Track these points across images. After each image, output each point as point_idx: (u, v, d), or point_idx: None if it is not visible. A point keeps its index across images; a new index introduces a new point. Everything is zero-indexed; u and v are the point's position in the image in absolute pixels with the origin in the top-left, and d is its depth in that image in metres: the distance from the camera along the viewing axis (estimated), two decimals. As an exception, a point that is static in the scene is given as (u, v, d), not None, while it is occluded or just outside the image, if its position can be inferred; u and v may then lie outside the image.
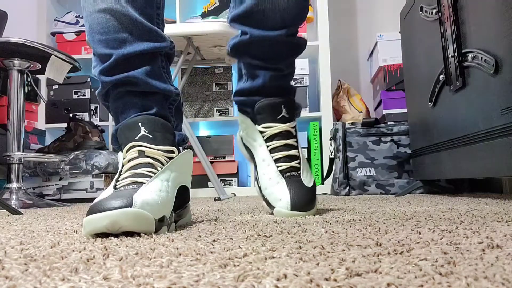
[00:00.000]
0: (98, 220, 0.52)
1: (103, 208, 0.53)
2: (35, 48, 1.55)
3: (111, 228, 0.53)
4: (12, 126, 1.62)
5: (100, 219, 0.52)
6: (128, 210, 0.53)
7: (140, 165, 0.63)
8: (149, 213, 0.55)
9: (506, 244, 0.41)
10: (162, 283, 0.28)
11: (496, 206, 0.92)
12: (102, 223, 0.52)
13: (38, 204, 1.52)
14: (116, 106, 0.73)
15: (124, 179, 0.61)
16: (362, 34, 2.50)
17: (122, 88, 0.71)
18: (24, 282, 0.29)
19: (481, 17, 1.05)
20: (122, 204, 0.53)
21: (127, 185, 0.60)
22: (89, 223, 0.53)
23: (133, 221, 0.53)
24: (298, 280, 0.28)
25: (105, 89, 0.73)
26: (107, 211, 0.52)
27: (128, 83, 0.71)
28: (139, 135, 0.65)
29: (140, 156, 0.64)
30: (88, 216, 0.53)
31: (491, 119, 1.02)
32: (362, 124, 1.85)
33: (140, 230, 0.54)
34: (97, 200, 0.55)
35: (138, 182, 0.60)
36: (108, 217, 0.52)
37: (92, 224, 0.53)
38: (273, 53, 0.86)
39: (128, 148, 0.65)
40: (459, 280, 0.27)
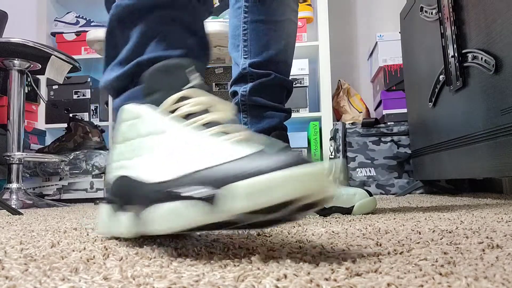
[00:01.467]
0: (305, 177, 0.33)
1: (272, 167, 0.33)
2: (35, 48, 1.55)
3: (301, 196, 0.33)
4: (12, 126, 1.62)
5: (307, 175, 0.33)
6: (318, 168, 0.34)
7: (213, 123, 0.43)
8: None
9: (506, 244, 0.41)
10: (162, 283, 0.28)
11: (496, 206, 0.92)
12: (312, 183, 0.33)
13: (38, 204, 1.52)
14: (154, 30, 0.52)
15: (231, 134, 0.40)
16: (362, 34, 2.50)
17: (170, 11, 0.53)
18: (24, 282, 0.29)
19: (481, 17, 1.05)
20: (301, 160, 0.34)
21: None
22: (262, 190, 0.32)
23: (325, 184, 0.34)
24: (298, 280, 0.28)
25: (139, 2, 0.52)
26: (283, 169, 0.33)
27: (181, 7, 0.54)
28: (188, 85, 0.46)
29: (205, 111, 0.44)
30: (252, 179, 0.32)
31: (491, 119, 1.02)
32: (362, 124, 1.85)
33: (324, 197, 0.35)
34: (232, 162, 0.35)
35: (253, 139, 0.40)
36: (316, 175, 0.33)
37: (301, 182, 0.33)
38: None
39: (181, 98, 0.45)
40: (459, 280, 0.27)
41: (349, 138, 1.85)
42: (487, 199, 1.21)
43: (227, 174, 0.33)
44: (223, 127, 0.41)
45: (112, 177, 0.47)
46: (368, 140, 1.84)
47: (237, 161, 0.34)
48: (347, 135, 1.85)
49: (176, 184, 0.36)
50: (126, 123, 0.46)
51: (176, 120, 0.43)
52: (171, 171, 0.38)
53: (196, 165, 0.36)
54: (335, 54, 2.42)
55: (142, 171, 0.41)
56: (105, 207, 0.48)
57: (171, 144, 0.41)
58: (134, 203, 0.41)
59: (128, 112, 0.46)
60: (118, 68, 0.52)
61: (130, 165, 0.44)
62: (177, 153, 0.39)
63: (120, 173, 0.45)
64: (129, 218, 0.41)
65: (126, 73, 0.51)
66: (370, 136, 1.84)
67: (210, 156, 0.37)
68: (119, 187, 0.45)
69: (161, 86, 0.46)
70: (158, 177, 0.39)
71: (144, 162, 0.42)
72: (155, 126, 0.43)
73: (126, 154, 0.45)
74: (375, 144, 1.83)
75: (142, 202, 0.39)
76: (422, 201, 1.20)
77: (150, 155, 0.42)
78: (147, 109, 0.44)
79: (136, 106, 0.45)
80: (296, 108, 2.19)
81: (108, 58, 0.54)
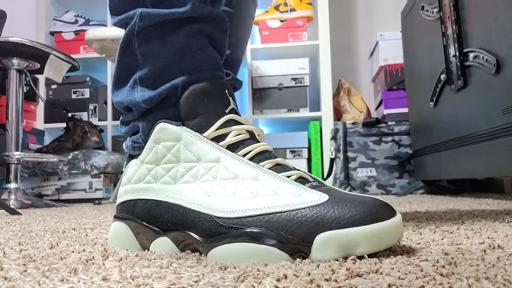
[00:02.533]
0: (391, 231, 0.36)
1: (374, 216, 0.35)
2: (33, 48, 1.55)
3: (389, 244, 0.36)
4: (11, 126, 1.61)
5: (393, 229, 0.36)
6: (398, 220, 0.37)
7: (265, 153, 0.44)
8: None
9: (508, 244, 0.41)
10: (162, 283, 0.28)
11: (498, 206, 0.92)
12: (395, 235, 0.36)
13: (37, 205, 1.52)
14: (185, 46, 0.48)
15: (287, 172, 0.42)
16: (363, 33, 2.50)
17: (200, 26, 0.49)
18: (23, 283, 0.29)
19: (482, 16, 1.05)
20: (393, 210, 0.37)
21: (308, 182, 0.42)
22: (380, 234, 0.35)
23: (400, 235, 0.37)
24: (299, 281, 0.28)
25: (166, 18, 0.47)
26: (390, 220, 0.36)
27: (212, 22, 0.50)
28: (229, 107, 0.46)
29: (253, 139, 0.45)
30: (374, 224, 0.35)
31: (493, 119, 1.02)
32: (363, 124, 1.85)
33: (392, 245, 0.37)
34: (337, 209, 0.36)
35: (305, 178, 0.42)
36: (400, 226, 0.37)
37: (386, 237, 0.35)
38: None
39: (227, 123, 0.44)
40: (460, 281, 0.26)
41: (350, 138, 1.85)
42: (488, 199, 1.21)
43: (314, 224, 0.35)
44: (276, 160, 0.42)
45: (134, 197, 0.46)
46: (369, 140, 1.83)
47: (315, 208, 0.36)
48: (347, 134, 1.85)
49: (254, 224, 0.37)
50: (164, 143, 0.44)
51: (226, 150, 0.42)
52: (243, 208, 0.38)
53: (269, 205, 0.37)
54: (336, 53, 2.42)
55: (199, 200, 0.40)
56: (120, 225, 0.47)
57: (232, 177, 0.40)
58: (187, 230, 0.41)
59: (168, 132, 0.44)
60: (142, 87, 0.49)
61: (170, 190, 0.43)
62: (242, 189, 0.39)
63: (148, 196, 0.45)
64: (173, 244, 0.42)
65: (158, 96, 0.47)
66: (371, 136, 1.84)
67: (282, 197, 0.38)
68: (149, 211, 0.44)
69: (202, 111, 0.44)
70: (226, 211, 0.38)
71: (197, 192, 0.41)
72: (207, 155, 0.42)
73: (161, 177, 0.44)
74: (376, 144, 1.83)
75: (206, 234, 0.39)
76: (423, 201, 1.20)
77: (207, 185, 0.41)
78: (191, 134, 0.43)
79: (176, 127, 0.43)
80: (297, 108, 2.19)
81: (123, 70, 0.51)
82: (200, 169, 0.42)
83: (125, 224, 0.46)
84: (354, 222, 0.35)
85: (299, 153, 2.15)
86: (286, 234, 0.35)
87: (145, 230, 0.44)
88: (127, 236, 0.46)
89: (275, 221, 0.36)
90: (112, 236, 0.48)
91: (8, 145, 1.60)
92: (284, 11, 2.27)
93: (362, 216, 0.35)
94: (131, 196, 0.46)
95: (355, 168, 1.82)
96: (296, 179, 0.41)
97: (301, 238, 0.35)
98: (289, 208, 0.36)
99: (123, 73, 0.50)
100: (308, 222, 0.35)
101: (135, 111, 0.49)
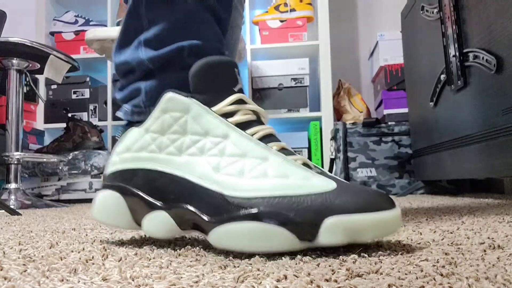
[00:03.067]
0: (393, 220, 0.37)
1: (379, 206, 0.36)
2: (33, 48, 1.55)
3: (390, 233, 0.37)
4: (11, 126, 1.61)
5: (395, 219, 0.37)
6: (398, 212, 0.38)
7: (271, 136, 0.43)
8: None
9: (508, 244, 0.41)
10: (162, 283, 0.28)
11: (498, 206, 0.92)
12: (396, 225, 0.37)
13: (37, 205, 1.52)
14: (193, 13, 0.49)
15: (293, 156, 0.42)
16: (363, 33, 2.50)
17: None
18: (22, 283, 0.29)
19: (482, 16, 1.05)
20: (394, 202, 0.38)
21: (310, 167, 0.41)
22: (385, 223, 0.36)
23: (399, 225, 0.38)
24: (299, 281, 0.28)
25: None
26: (392, 210, 0.37)
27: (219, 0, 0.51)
28: (238, 86, 0.45)
29: (259, 120, 0.44)
30: (379, 212, 0.36)
31: (493, 119, 1.02)
32: (363, 124, 1.85)
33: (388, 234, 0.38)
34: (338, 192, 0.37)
35: (308, 165, 0.41)
36: (399, 217, 0.38)
37: (389, 226, 0.37)
38: None
39: (236, 101, 0.43)
40: (460, 281, 0.26)
41: (350, 138, 1.85)
42: (488, 199, 1.21)
43: (324, 208, 0.35)
44: (281, 144, 0.42)
45: (133, 166, 0.43)
46: (369, 140, 1.83)
47: (324, 194, 0.36)
48: (347, 135, 1.85)
49: (265, 205, 0.36)
50: (172, 114, 0.42)
51: (235, 128, 0.41)
52: (254, 188, 0.37)
53: (280, 187, 0.37)
54: (336, 53, 2.42)
55: (207, 175, 0.39)
56: (113, 194, 0.44)
57: (240, 155, 0.40)
58: (192, 206, 0.39)
59: (176, 102, 0.42)
60: (147, 48, 0.48)
61: (175, 162, 0.41)
62: (251, 168, 0.39)
63: (151, 166, 0.42)
64: (172, 220, 0.40)
65: (163, 56, 0.47)
66: (371, 136, 1.84)
67: (292, 180, 0.37)
68: (152, 182, 0.42)
69: (213, 85, 0.43)
70: (237, 191, 0.38)
71: (204, 167, 0.40)
72: (215, 129, 0.41)
73: (166, 147, 0.42)
74: (376, 144, 1.83)
75: (213, 212, 0.38)
76: (423, 201, 1.20)
77: (214, 160, 0.40)
78: (200, 107, 0.42)
79: (186, 99, 0.42)
80: (297, 108, 2.19)
81: (128, 31, 0.50)
82: (207, 143, 0.41)
83: (118, 194, 0.43)
84: (362, 209, 0.35)
85: (299, 153, 2.15)
86: (296, 217, 0.35)
87: (141, 202, 0.42)
88: (118, 207, 0.43)
89: (286, 203, 0.36)
90: (100, 207, 0.44)
91: (8, 145, 1.60)
92: (284, 11, 2.27)
93: (368, 204, 0.36)
94: (131, 164, 0.44)
95: (355, 168, 1.82)
96: (302, 164, 0.40)
97: (309, 221, 0.35)
98: (300, 192, 0.36)
99: (128, 35, 0.50)
100: (318, 206, 0.36)
101: (138, 72, 0.48)
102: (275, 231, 0.35)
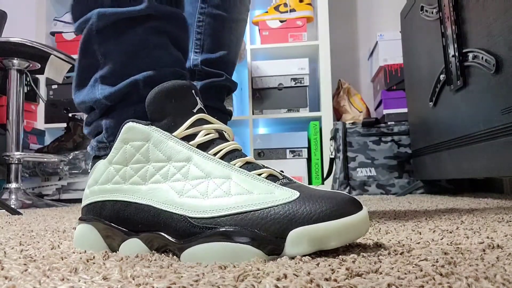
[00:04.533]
0: (359, 224, 0.37)
1: (343, 211, 0.36)
2: (34, 48, 1.55)
3: (357, 237, 0.38)
4: (11, 126, 1.62)
5: (360, 222, 0.37)
6: (364, 214, 0.38)
7: (235, 152, 0.44)
8: None
9: (507, 244, 0.41)
10: (162, 283, 0.28)
11: (497, 206, 0.92)
12: (363, 228, 0.38)
13: (38, 204, 1.52)
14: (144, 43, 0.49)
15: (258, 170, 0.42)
16: (362, 33, 2.50)
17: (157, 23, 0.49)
18: (23, 282, 0.29)
19: (482, 16, 1.05)
20: (360, 204, 0.38)
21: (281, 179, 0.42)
22: (350, 228, 0.36)
23: (367, 227, 0.39)
24: (298, 280, 0.28)
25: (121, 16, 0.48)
26: (358, 214, 0.37)
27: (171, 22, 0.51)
28: (197, 107, 0.45)
29: (223, 138, 0.45)
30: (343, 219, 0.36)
31: (492, 119, 1.02)
32: (362, 124, 1.85)
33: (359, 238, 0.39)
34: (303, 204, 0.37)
35: (275, 176, 0.42)
36: (367, 219, 0.38)
37: (355, 230, 0.37)
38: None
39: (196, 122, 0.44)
40: (460, 281, 0.27)
41: (350, 138, 1.85)
42: (487, 199, 1.21)
43: (287, 220, 0.36)
44: (246, 159, 0.43)
45: (101, 198, 0.45)
46: (369, 140, 1.84)
47: (287, 205, 0.37)
48: (347, 134, 1.85)
49: (229, 223, 0.37)
50: (132, 143, 0.43)
51: (197, 149, 0.42)
52: (217, 207, 0.38)
53: (243, 204, 0.38)
54: (336, 53, 2.42)
55: (171, 200, 0.40)
56: (87, 227, 0.45)
57: (203, 176, 0.40)
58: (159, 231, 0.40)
59: (136, 131, 0.43)
60: (103, 85, 0.48)
61: (140, 190, 0.42)
62: (214, 188, 0.39)
63: (116, 197, 0.43)
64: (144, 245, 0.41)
65: (119, 92, 0.47)
66: (370, 136, 1.84)
67: (255, 196, 0.38)
68: (119, 212, 0.43)
69: (170, 111, 0.43)
70: (200, 212, 0.38)
71: (169, 192, 0.40)
72: (177, 154, 0.41)
73: (130, 177, 0.43)
74: (375, 144, 1.83)
75: (180, 235, 0.39)
76: (422, 201, 1.20)
77: (178, 184, 0.40)
78: (160, 133, 0.42)
79: (145, 127, 0.42)
80: (296, 108, 2.19)
81: (83, 71, 0.50)
82: (170, 168, 0.41)
83: (92, 226, 0.45)
84: (325, 217, 0.36)
85: (298, 153, 2.15)
86: (260, 232, 0.36)
87: (114, 232, 0.43)
88: (94, 239, 0.44)
89: (249, 219, 0.37)
90: (78, 239, 0.46)
91: (8, 145, 1.60)
92: (284, 11, 2.27)
93: (332, 211, 0.36)
94: (99, 197, 0.45)
95: (355, 168, 1.83)
96: (266, 176, 0.41)
97: (274, 235, 0.36)
98: (262, 206, 0.37)
99: (84, 74, 0.50)
100: (281, 219, 0.36)
101: (97, 110, 0.49)
102: (242, 248, 0.36)
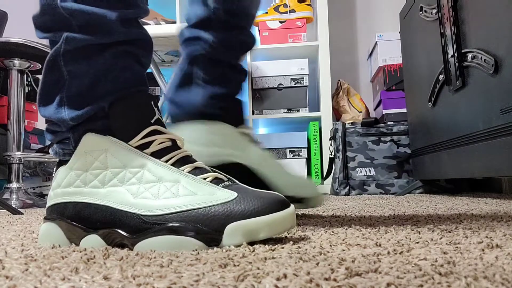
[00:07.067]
0: (285, 220, 0.44)
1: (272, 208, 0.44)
2: (35, 48, 1.55)
3: (283, 230, 0.45)
4: (12, 126, 1.62)
5: (286, 218, 0.44)
6: (291, 211, 0.45)
7: (185, 158, 0.50)
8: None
9: (506, 243, 0.41)
10: (162, 282, 0.28)
11: (496, 205, 0.92)
12: (288, 223, 0.45)
13: (39, 204, 1.52)
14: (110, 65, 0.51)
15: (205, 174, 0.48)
16: (361, 34, 2.50)
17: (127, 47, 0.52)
18: (24, 282, 0.29)
19: (481, 17, 1.05)
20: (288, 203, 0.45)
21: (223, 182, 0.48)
22: (276, 222, 0.43)
23: (293, 222, 0.46)
24: (298, 280, 0.28)
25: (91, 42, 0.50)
26: (284, 211, 0.44)
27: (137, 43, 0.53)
28: (154, 118, 0.50)
29: (175, 146, 0.51)
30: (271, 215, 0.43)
31: (491, 119, 1.02)
32: (361, 124, 1.85)
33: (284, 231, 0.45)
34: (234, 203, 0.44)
35: (220, 178, 0.49)
36: (292, 216, 0.45)
37: (280, 224, 0.44)
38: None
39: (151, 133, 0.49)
40: (459, 280, 0.27)
41: (349, 138, 1.85)
42: (486, 198, 1.21)
43: (224, 216, 0.43)
44: (194, 164, 0.49)
45: (63, 200, 0.50)
46: (368, 140, 1.84)
47: (226, 204, 0.44)
48: (346, 134, 1.85)
49: (176, 219, 0.43)
50: (92, 153, 0.48)
51: (150, 157, 0.48)
52: (166, 206, 0.44)
53: (188, 203, 0.44)
54: (335, 54, 2.42)
55: (126, 201, 0.46)
56: (51, 225, 0.50)
57: (156, 180, 0.46)
58: (115, 228, 0.46)
59: (96, 143, 0.48)
60: (70, 109, 0.50)
61: (99, 193, 0.48)
62: (165, 190, 0.46)
63: (77, 199, 0.49)
64: (102, 241, 0.47)
65: (86, 114, 0.50)
66: (369, 136, 1.84)
67: (199, 196, 0.45)
68: (79, 212, 0.48)
69: (129, 122, 0.49)
70: (152, 210, 0.44)
71: (125, 194, 0.47)
72: (132, 161, 0.47)
73: (90, 182, 0.48)
74: (374, 143, 1.83)
75: (134, 230, 0.45)
76: (421, 200, 1.20)
77: (133, 187, 0.46)
78: (117, 143, 0.48)
79: (103, 137, 0.48)
80: (296, 108, 2.19)
81: (49, 86, 0.51)
82: (126, 173, 0.47)
83: (56, 225, 0.50)
84: (256, 213, 0.43)
85: (298, 153, 2.15)
86: (202, 226, 0.43)
87: (75, 229, 0.48)
88: (57, 235, 0.49)
89: (193, 216, 0.43)
90: (43, 236, 0.51)
91: (9, 145, 1.61)
92: (284, 12, 2.27)
93: (262, 209, 0.43)
94: (61, 199, 0.50)
95: (354, 168, 1.83)
96: (212, 180, 0.47)
97: (214, 229, 0.42)
98: (205, 205, 0.44)
99: (50, 89, 0.52)
100: (220, 215, 0.43)
101: (63, 126, 0.52)
102: (187, 241, 0.42)
